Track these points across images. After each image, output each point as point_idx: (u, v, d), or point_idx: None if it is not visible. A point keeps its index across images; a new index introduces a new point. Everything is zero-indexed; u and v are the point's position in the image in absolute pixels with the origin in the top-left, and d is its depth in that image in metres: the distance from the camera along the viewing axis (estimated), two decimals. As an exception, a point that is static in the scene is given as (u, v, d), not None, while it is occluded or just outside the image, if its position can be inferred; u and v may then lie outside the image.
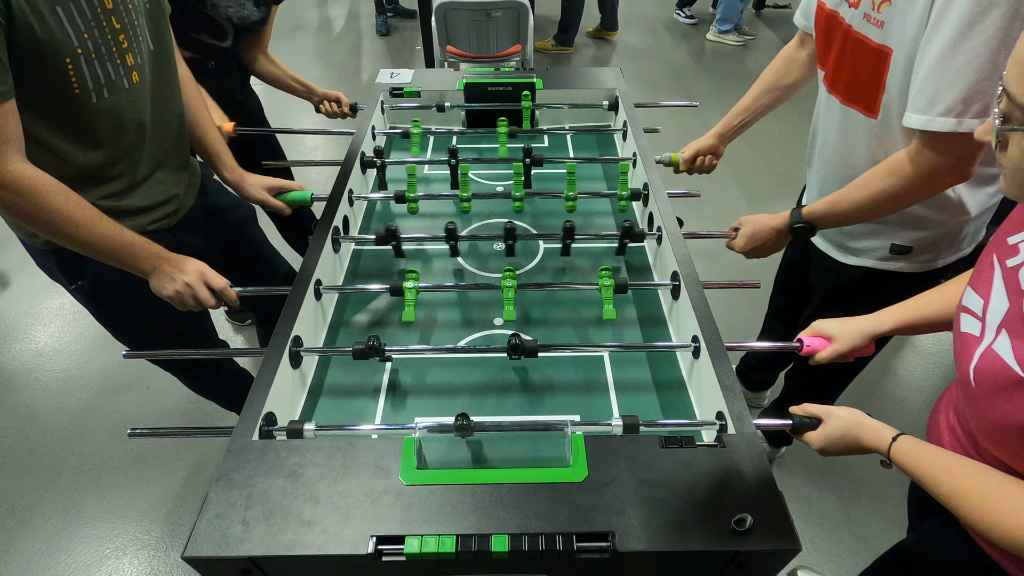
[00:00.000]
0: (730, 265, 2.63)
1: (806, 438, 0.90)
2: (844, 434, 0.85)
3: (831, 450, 0.87)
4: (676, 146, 1.62)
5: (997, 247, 0.76)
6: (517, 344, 1.02)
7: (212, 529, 0.74)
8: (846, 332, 0.98)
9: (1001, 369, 0.67)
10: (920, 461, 0.76)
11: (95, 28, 0.96)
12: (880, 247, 1.24)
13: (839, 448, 0.86)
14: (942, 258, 1.23)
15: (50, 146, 1.00)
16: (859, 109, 1.10)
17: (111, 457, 1.93)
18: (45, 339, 2.35)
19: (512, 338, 1.02)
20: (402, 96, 1.79)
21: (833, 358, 0.99)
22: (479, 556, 0.72)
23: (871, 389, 2.13)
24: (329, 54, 4.74)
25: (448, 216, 1.51)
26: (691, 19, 5.17)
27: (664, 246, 1.26)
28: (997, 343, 0.69)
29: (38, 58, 0.91)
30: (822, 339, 1.01)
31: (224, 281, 1.15)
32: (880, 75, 1.02)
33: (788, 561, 0.75)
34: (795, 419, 0.91)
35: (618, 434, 0.89)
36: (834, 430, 0.86)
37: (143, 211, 1.18)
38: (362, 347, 1.02)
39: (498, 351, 1.05)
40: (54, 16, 0.90)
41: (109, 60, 1.00)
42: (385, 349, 1.03)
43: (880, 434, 0.82)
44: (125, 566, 1.68)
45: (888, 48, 0.98)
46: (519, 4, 2.94)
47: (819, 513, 1.79)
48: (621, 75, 1.87)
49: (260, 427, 0.88)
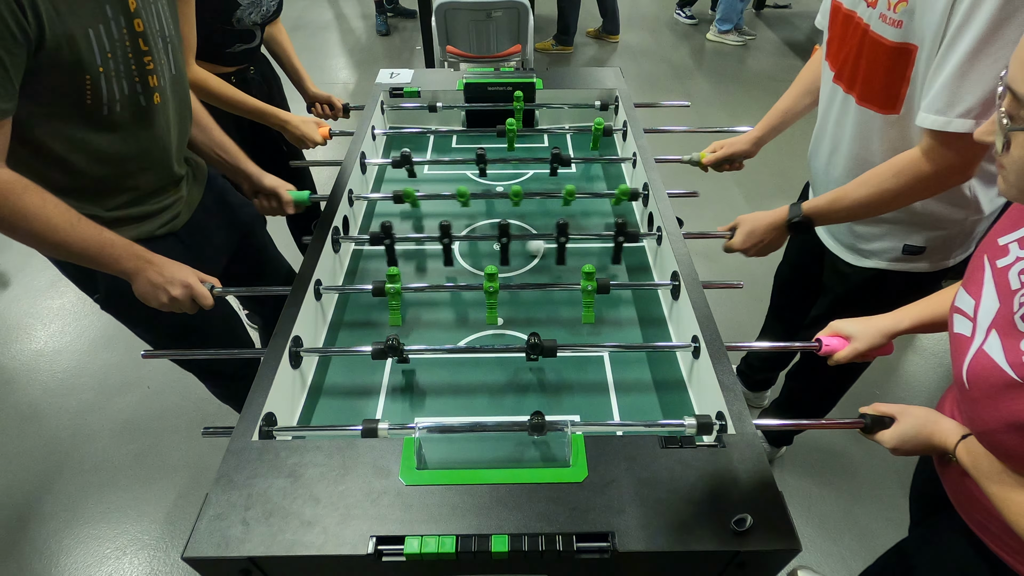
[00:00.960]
0: (730, 265, 2.63)
1: (879, 436, 0.89)
2: (918, 432, 0.85)
3: (904, 448, 0.87)
4: (677, 146, 1.62)
5: (988, 248, 0.76)
6: (536, 344, 1.01)
7: (212, 529, 0.74)
8: (865, 331, 0.98)
9: (992, 370, 0.68)
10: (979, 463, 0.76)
11: (119, 49, 0.96)
12: (893, 248, 1.23)
13: (912, 446, 0.86)
14: (953, 257, 1.23)
15: (58, 155, 0.99)
16: (874, 108, 1.09)
17: (111, 457, 1.93)
18: (45, 339, 2.35)
19: (531, 337, 1.01)
20: (402, 96, 1.80)
21: (852, 357, 0.99)
22: (479, 556, 0.72)
23: (872, 389, 2.13)
24: (329, 54, 4.75)
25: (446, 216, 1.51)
26: (691, 19, 5.17)
27: (664, 246, 1.26)
28: (988, 344, 0.70)
29: (57, 73, 0.90)
30: (841, 339, 1.01)
31: (205, 292, 1.10)
32: (903, 71, 1.01)
33: (788, 561, 0.75)
34: (867, 418, 0.90)
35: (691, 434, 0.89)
36: (909, 428, 0.86)
37: (150, 216, 1.16)
38: (381, 347, 1.01)
39: (499, 351, 1.05)
40: (85, 39, 0.90)
41: (127, 79, 0.99)
42: (404, 349, 1.02)
43: (948, 434, 0.82)
44: (125, 566, 1.68)
45: (911, 45, 0.98)
46: (519, 4, 2.94)
47: (819, 513, 1.78)
48: (621, 75, 1.87)
49: (260, 427, 0.88)
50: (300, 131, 1.63)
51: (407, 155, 1.48)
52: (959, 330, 0.76)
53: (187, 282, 1.08)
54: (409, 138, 1.82)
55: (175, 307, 1.09)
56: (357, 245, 1.41)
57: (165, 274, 1.06)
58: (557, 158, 1.50)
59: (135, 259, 1.04)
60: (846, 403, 1.66)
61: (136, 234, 1.13)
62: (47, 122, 0.95)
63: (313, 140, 1.65)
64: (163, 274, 1.06)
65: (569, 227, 1.22)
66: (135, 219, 1.14)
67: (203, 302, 1.11)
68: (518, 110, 1.69)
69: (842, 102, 1.18)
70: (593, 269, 1.13)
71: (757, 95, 4.10)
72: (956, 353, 0.76)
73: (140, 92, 1.02)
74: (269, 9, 1.60)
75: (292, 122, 1.62)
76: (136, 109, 1.03)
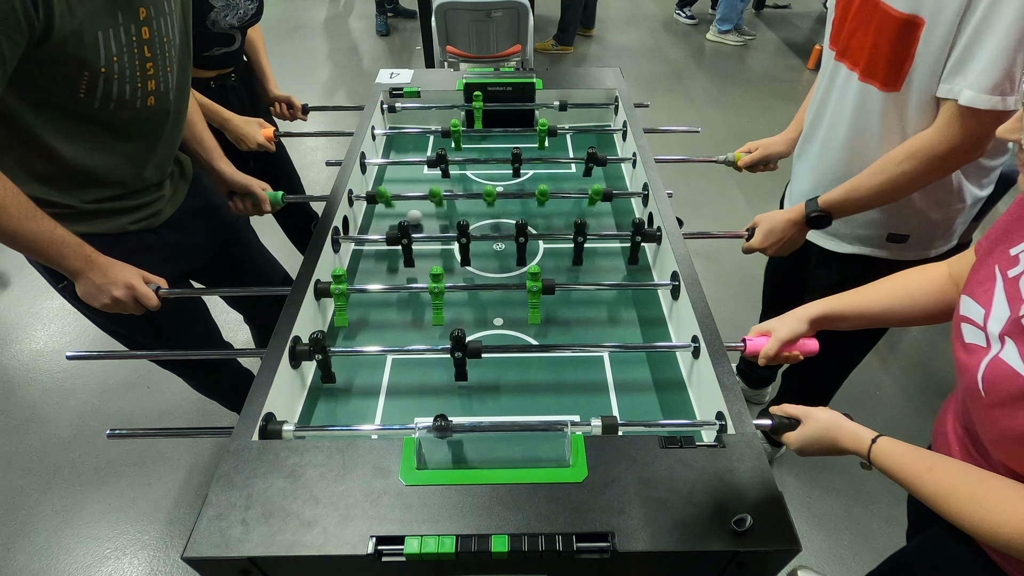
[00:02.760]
0: (730, 265, 2.63)
1: (784, 439, 0.90)
2: (821, 436, 0.85)
3: (808, 451, 0.87)
4: (677, 146, 1.62)
5: (999, 259, 0.75)
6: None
7: (212, 529, 0.74)
8: (782, 321, 0.99)
9: (1011, 377, 0.67)
10: (902, 462, 0.76)
11: (125, 53, 0.97)
12: (878, 236, 1.25)
13: (816, 449, 0.86)
14: (935, 248, 1.24)
15: (44, 143, 0.99)
16: (876, 84, 1.09)
17: (111, 457, 1.93)
18: (45, 339, 2.35)
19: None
20: (402, 96, 1.80)
21: (777, 348, 0.98)
22: (479, 556, 0.72)
23: (873, 390, 2.13)
24: (329, 54, 4.74)
25: (443, 217, 1.51)
26: (691, 19, 5.17)
27: (664, 246, 1.26)
28: (1004, 352, 0.69)
29: (57, 66, 0.91)
30: (763, 336, 1.01)
31: (148, 292, 1.10)
32: (908, 47, 1.01)
33: (788, 561, 0.75)
34: (774, 419, 0.91)
35: (597, 435, 0.88)
36: (812, 431, 0.86)
37: (127, 211, 1.16)
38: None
39: (501, 351, 1.05)
40: (92, 38, 0.91)
41: (130, 83, 1.00)
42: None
43: (859, 436, 0.82)
44: (125, 566, 1.68)
45: (919, 19, 0.98)
46: (519, 4, 2.94)
47: (819, 513, 1.79)
48: (621, 75, 1.87)
49: (260, 427, 0.88)
50: (241, 131, 1.60)
51: (442, 155, 1.49)
52: (971, 340, 0.76)
53: (129, 283, 1.08)
54: (411, 138, 1.82)
55: (119, 308, 1.10)
56: (357, 245, 1.41)
57: (109, 275, 1.06)
58: (592, 158, 1.52)
59: (81, 259, 1.04)
60: (846, 402, 1.66)
61: (109, 228, 1.13)
62: (36, 110, 0.95)
63: (254, 140, 1.62)
64: (106, 275, 1.06)
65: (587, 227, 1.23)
66: (111, 213, 1.13)
67: (147, 303, 1.10)
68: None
69: (844, 80, 1.18)
70: (539, 270, 1.13)
71: (757, 95, 4.10)
72: (968, 363, 0.75)
73: (138, 96, 1.03)
74: (247, 12, 1.58)
75: (233, 121, 1.59)
76: (130, 111, 1.03)
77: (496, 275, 1.33)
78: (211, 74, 1.63)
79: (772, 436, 0.93)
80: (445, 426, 0.87)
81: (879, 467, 0.79)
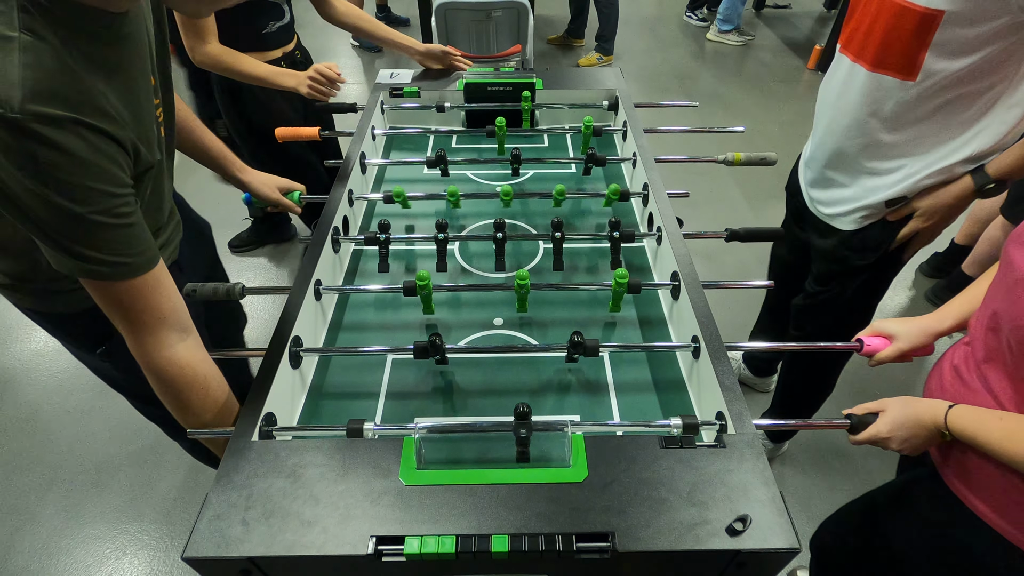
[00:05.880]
0: (731, 266, 2.63)
1: (871, 430, 0.89)
2: (906, 416, 0.86)
3: (898, 434, 0.87)
4: (677, 147, 1.62)
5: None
6: (579, 342, 1.01)
7: (212, 529, 0.74)
8: (908, 331, 0.97)
9: None
10: (977, 416, 0.80)
11: (154, 125, 0.90)
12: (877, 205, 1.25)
13: (904, 431, 0.87)
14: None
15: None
16: (891, 73, 1.10)
17: (111, 457, 1.93)
18: (45, 339, 2.35)
19: (574, 336, 1.01)
20: (402, 96, 1.80)
21: (895, 357, 0.98)
22: (479, 556, 0.72)
23: (873, 389, 2.13)
24: (329, 54, 4.74)
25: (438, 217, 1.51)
26: (703, 21, 5.19)
27: (664, 246, 1.26)
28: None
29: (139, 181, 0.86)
30: (882, 338, 0.99)
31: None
32: (925, 37, 1.02)
33: (788, 561, 0.75)
34: (853, 418, 0.91)
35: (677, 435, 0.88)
36: (896, 414, 0.87)
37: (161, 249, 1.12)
38: (423, 345, 1.01)
39: (503, 351, 1.05)
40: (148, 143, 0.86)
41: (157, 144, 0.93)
42: (446, 349, 1.02)
43: (935, 407, 0.84)
44: (125, 566, 1.68)
45: (939, 11, 0.99)
46: (519, 4, 2.94)
47: (819, 513, 1.78)
48: (621, 75, 1.87)
49: (260, 427, 0.88)
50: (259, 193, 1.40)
51: (442, 155, 1.50)
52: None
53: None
54: (411, 138, 1.82)
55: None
56: (357, 245, 1.41)
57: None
58: (592, 158, 1.52)
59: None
60: (846, 402, 1.65)
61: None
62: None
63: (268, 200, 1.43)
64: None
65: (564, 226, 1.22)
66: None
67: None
68: (525, 110, 1.67)
69: (848, 72, 1.19)
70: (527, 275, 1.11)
71: (757, 95, 4.10)
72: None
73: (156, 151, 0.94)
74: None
75: (252, 185, 1.38)
76: (156, 167, 0.95)
77: (496, 275, 1.33)
78: (277, 54, 1.72)
79: (851, 435, 0.92)
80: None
81: (955, 430, 0.82)
